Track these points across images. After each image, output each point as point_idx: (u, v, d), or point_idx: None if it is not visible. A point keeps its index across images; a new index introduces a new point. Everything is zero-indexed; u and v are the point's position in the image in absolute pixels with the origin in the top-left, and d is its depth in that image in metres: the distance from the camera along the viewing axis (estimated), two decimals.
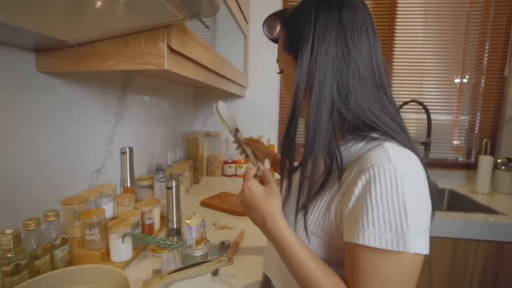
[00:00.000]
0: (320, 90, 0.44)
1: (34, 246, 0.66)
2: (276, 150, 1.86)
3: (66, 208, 0.79)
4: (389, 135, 0.44)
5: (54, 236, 0.72)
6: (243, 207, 0.52)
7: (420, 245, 0.37)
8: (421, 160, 0.43)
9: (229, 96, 1.88)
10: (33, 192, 0.75)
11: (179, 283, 0.68)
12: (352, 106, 0.44)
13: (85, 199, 0.82)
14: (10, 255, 0.60)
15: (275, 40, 0.58)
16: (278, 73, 0.56)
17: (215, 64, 1.01)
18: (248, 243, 0.94)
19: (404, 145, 0.43)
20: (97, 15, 0.55)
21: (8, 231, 0.60)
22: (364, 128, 0.45)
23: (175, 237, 0.89)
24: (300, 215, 0.48)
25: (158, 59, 0.65)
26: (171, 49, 0.67)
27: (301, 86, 0.46)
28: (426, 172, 0.42)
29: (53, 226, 0.72)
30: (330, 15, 0.44)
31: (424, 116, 1.60)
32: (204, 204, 1.30)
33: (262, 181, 0.54)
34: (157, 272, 0.71)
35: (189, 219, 0.80)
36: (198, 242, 0.80)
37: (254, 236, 0.99)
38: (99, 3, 0.50)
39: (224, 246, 0.89)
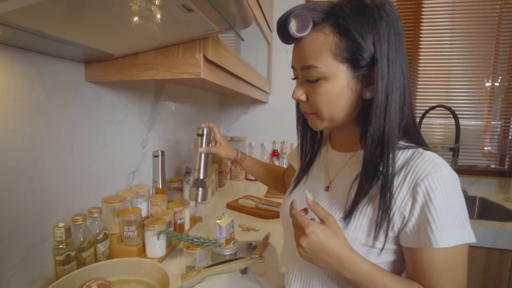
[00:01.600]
0: (392, 103, 0.46)
1: (81, 239, 0.73)
2: None
3: (107, 206, 0.85)
4: (420, 144, 0.49)
5: (97, 231, 0.78)
6: (310, 255, 0.47)
7: (472, 235, 0.44)
8: None
9: (252, 102, 1.93)
10: (80, 190, 0.83)
11: (210, 280, 0.72)
12: (406, 119, 0.49)
13: (123, 198, 0.88)
14: (62, 246, 0.67)
15: (294, 39, 0.49)
16: (311, 81, 0.50)
17: (243, 72, 1.05)
18: (274, 244, 0.97)
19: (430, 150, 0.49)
20: (143, 32, 0.61)
21: (61, 224, 0.67)
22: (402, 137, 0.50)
23: (199, 189, 0.87)
24: (346, 222, 0.50)
25: (194, 68, 0.70)
26: (206, 59, 0.72)
27: (391, 99, 0.46)
28: None
29: (96, 222, 0.79)
30: (397, 33, 0.46)
31: (451, 121, 1.56)
32: (229, 206, 1.34)
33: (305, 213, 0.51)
34: (190, 268, 0.75)
35: (219, 219, 0.84)
36: (227, 241, 0.83)
37: (280, 238, 1.01)
38: (145, 22, 0.56)
39: (251, 247, 0.92)
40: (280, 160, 1.89)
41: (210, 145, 0.89)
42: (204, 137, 0.86)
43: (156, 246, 0.83)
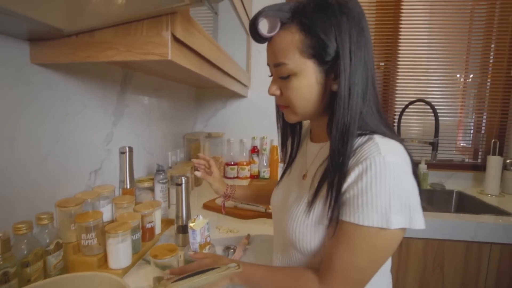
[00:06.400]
0: (355, 95, 0.49)
1: (25, 252, 0.61)
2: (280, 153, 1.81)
3: (61, 211, 0.73)
4: (376, 131, 0.51)
5: (48, 241, 0.66)
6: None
7: (403, 222, 0.45)
8: (405, 147, 0.51)
9: (231, 96, 1.84)
10: (25, 193, 0.70)
11: None
12: (367, 108, 0.51)
13: (81, 201, 0.77)
14: None
15: (264, 39, 0.53)
16: (283, 77, 0.53)
17: (219, 59, 0.96)
18: (254, 247, 0.89)
19: (392, 137, 0.50)
20: (97, 0, 0.50)
21: None
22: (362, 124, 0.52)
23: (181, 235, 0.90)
24: (313, 206, 0.53)
25: (161, 48, 0.61)
26: (175, 38, 0.62)
27: (354, 91, 0.49)
28: (411, 157, 0.50)
29: (47, 230, 0.67)
30: (359, 27, 0.49)
31: (427, 116, 1.56)
32: (206, 207, 1.24)
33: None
34: (159, 280, 0.66)
35: (192, 222, 0.75)
36: (202, 246, 0.74)
37: (260, 240, 0.94)
38: None
39: (229, 251, 0.84)
40: (260, 156, 1.82)
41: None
42: (183, 186, 0.88)
43: (119, 255, 0.73)
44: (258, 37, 0.53)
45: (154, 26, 0.60)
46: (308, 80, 0.51)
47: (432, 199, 1.65)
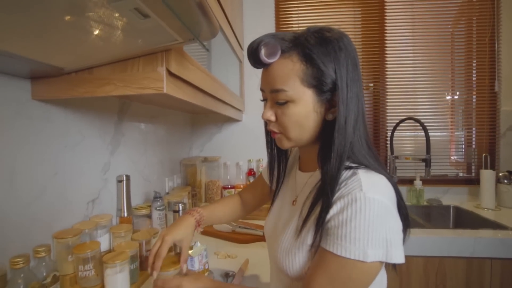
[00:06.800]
0: (348, 125, 0.52)
1: (22, 287, 0.61)
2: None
3: (59, 242, 0.73)
4: (366, 161, 0.53)
5: (44, 274, 0.67)
6: None
7: (380, 256, 0.46)
8: (391, 181, 0.52)
9: (225, 121, 1.88)
10: (22, 226, 0.70)
11: None
12: (357, 137, 0.53)
13: (79, 231, 0.77)
14: None
15: (263, 65, 0.54)
16: (280, 103, 0.54)
17: (212, 87, 1.01)
18: (252, 272, 0.88)
19: (377, 170, 0.52)
20: (96, 42, 0.54)
21: None
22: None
23: None
24: (302, 232, 0.54)
25: (157, 83, 0.64)
26: (170, 73, 0.66)
27: (349, 121, 0.52)
28: (397, 191, 0.52)
29: (44, 263, 0.67)
30: (354, 62, 0.52)
31: (419, 133, 1.60)
32: (204, 232, 1.24)
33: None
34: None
35: (190, 249, 0.75)
36: (201, 274, 0.74)
37: (258, 265, 0.93)
38: (97, 31, 0.50)
39: (228, 277, 0.83)
40: None
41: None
42: (180, 212, 0.90)
43: (117, 286, 0.72)
44: (258, 62, 0.53)
45: (149, 62, 0.64)
46: (305, 108, 0.53)
47: (430, 215, 1.66)
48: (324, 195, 0.50)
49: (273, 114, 0.56)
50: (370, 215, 0.46)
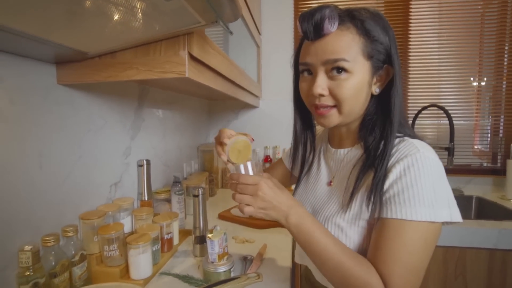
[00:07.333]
0: (400, 97, 0.54)
1: (53, 263, 0.64)
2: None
3: (85, 223, 0.76)
4: (408, 134, 0.55)
5: (73, 252, 0.69)
6: (262, 204, 0.53)
7: (446, 215, 0.46)
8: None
9: (242, 107, 1.87)
10: (52, 207, 0.73)
11: None
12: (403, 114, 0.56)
13: (103, 213, 0.80)
14: (28, 273, 0.58)
15: (321, 34, 0.51)
16: (337, 73, 0.52)
17: (231, 73, 0.99)
18: (271, 255, 0.89)
19: (420, 139, 0.54)
20: (119, 25, 0.54)
21: (27, 247, 0.58)
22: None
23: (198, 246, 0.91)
24: (348, 207, 0.54)
25: (179, 67, 0.64)
26: (191, 57, 0.65)
27: (400, 93, 0.54)
28: None
29: (72, 242, 0.70)
30: (396, 42, 0.56)
31: (442, 121, 1.54)
32: (221, 217, 1.26)
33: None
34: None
35: (210, 233, 0.77)
36: (220, 257, 0.75)
37: (276, 249, 0.94)
38: (121, 14, 0.49)
39: (247, 261, 0.85)
40: None
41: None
42: (200, 197, 0.90)
43: (141, 266, 0.75)
44: (318, 31, 0.51)
45: (171, 46, 0.63)
46: (362, 80, 0.53)
47: None
48: (378, 164, 0.51)
49: (325, 88, 0.54)
50: (433, 174, 0.46)
